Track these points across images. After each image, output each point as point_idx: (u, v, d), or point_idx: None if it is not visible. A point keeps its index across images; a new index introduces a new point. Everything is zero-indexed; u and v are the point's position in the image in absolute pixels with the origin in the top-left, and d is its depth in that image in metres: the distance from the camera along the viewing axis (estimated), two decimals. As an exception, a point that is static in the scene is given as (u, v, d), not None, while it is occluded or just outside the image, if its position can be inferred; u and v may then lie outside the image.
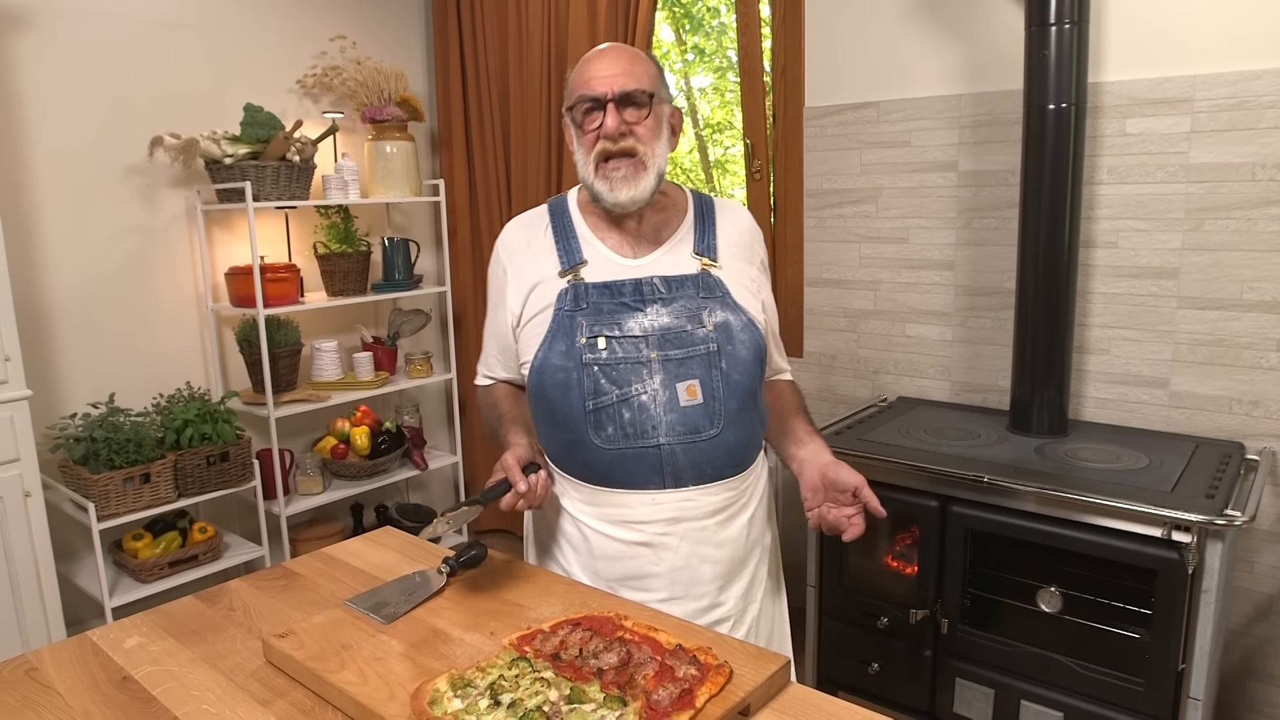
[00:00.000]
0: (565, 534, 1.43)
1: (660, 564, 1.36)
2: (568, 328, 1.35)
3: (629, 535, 1.36)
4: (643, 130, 1.34)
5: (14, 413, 2.22)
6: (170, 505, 2.59)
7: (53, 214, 2.60)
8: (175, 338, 2.91)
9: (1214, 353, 2.12)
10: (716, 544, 1.38)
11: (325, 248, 3.07)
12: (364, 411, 3.19)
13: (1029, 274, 2.14)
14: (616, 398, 1.32)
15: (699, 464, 1.34)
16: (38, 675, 1.13)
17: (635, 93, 1.33)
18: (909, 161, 2.54)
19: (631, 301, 1.36)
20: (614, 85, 1.32)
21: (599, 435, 1.33)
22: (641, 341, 1.34)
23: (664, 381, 1.33)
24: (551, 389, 1.35)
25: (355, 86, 3.15)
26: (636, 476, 1.33)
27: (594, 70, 1.34)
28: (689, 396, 1.33)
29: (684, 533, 1.35)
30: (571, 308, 1.36)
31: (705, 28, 5.69)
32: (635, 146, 1.33)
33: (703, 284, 1.39)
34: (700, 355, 1.34)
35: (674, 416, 1.32)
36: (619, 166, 1.34)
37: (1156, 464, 1.96)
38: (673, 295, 1.37)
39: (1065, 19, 2.00)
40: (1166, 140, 2.12)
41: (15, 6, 2.49)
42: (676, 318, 1.36)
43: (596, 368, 1.33)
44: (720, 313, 1.38)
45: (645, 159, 1.34)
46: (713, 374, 1.34)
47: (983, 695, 1.99)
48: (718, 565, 1.39)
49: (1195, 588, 1.72)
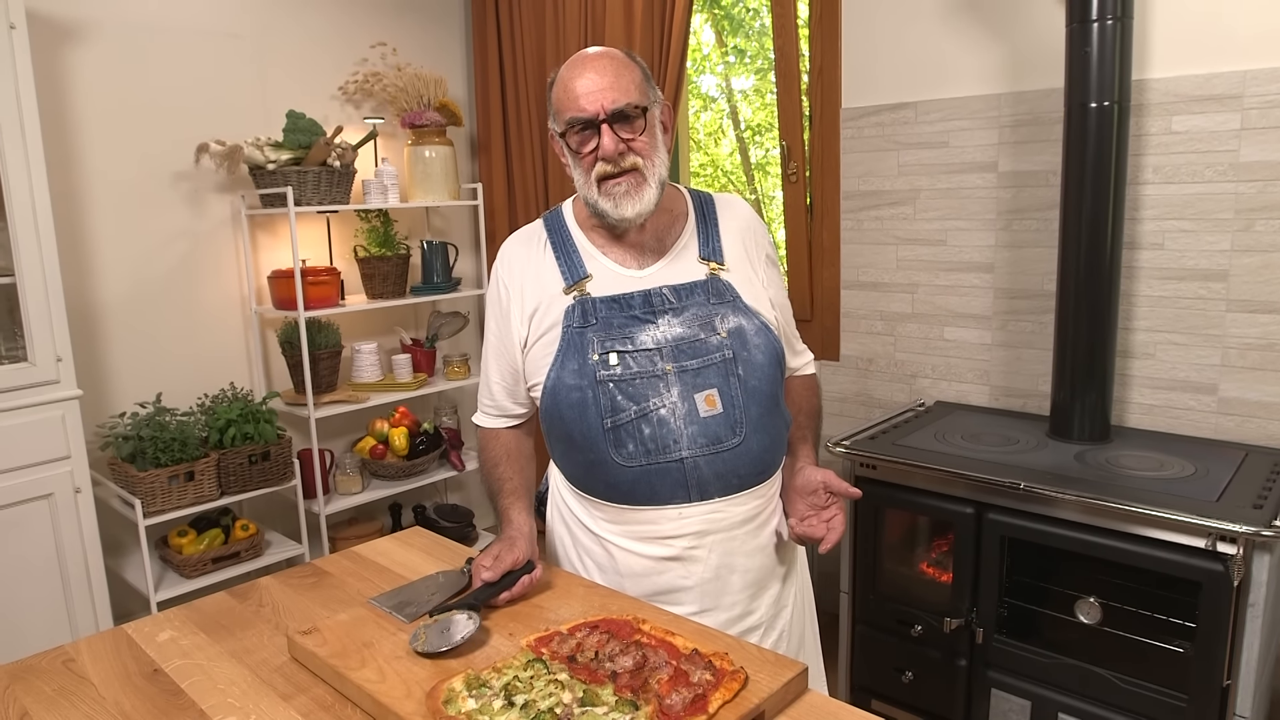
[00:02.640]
0: (590, 552, 1.40)
1: (690, 577, 1.33)
2: (578, 345, 1.32)
3: (657, 550, 1.33)
4: (641, 144, 1.30)
5: (65, 411, 2.29)
6: (213, 503, 2.66)
7: (103, 219, 2.69)
8: (220, 340, 2.98)
9: (1265, 358, 2.05)
10: (746, 554, 1.36)
11: (365, 251, 3.12)
12: (402, 413, 3.23)
13: (1070, 276, 2.09)
14: (635, 413, 1.29)
15: (724, 475, 1.31)
16: (74, 666, 1.17)
17: (627, 108, 1.27)
18: (947, 162, 2.50)
19: (641, 314, 1.33)
20: (604, 103, 1.26)
21: (619, 453, 1.30)
22: (655, 354, 1.31)
23: (682, 393, 1.30)
24: (567, 410, 1.31)
25: (395, 92, 3.20)
26: (661, 492, 1.30)
27: (580, 86, 1.28)
28: (708, 407, 1.30)
29: (713, 544, 1.33)
30: (580, 324, 1.32)
31: (746, 29, 5.67)
32: (636, 162, 1.30)
33: (712, 289, 1.36)
34: (716, 364, 1.31)
35: (695, 428, 1.29)
36: (620, 182, 1.30)
37: (1203, 472, 1.89)
38: (683, 304, 1.34)
39: (1108, 15, 1.95)
40: (1215, 138, 2.06)
41: (69, 20, 2.57)
42: (689, 327, 1.32)
43: (612, 384, 1.29)
44: (733, 318, 1.35)
45: (646, 172, 1.31)
46: (730, 382, 1.31)
47: (1019, 707, 1.95)
48: (748, 574, 1.36)
49: (1241, 601, 1.66)
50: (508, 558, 1.26)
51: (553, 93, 1.33)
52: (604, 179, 1.30)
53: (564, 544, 1.45)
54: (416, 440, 3.19)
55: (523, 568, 1.27)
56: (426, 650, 1.08)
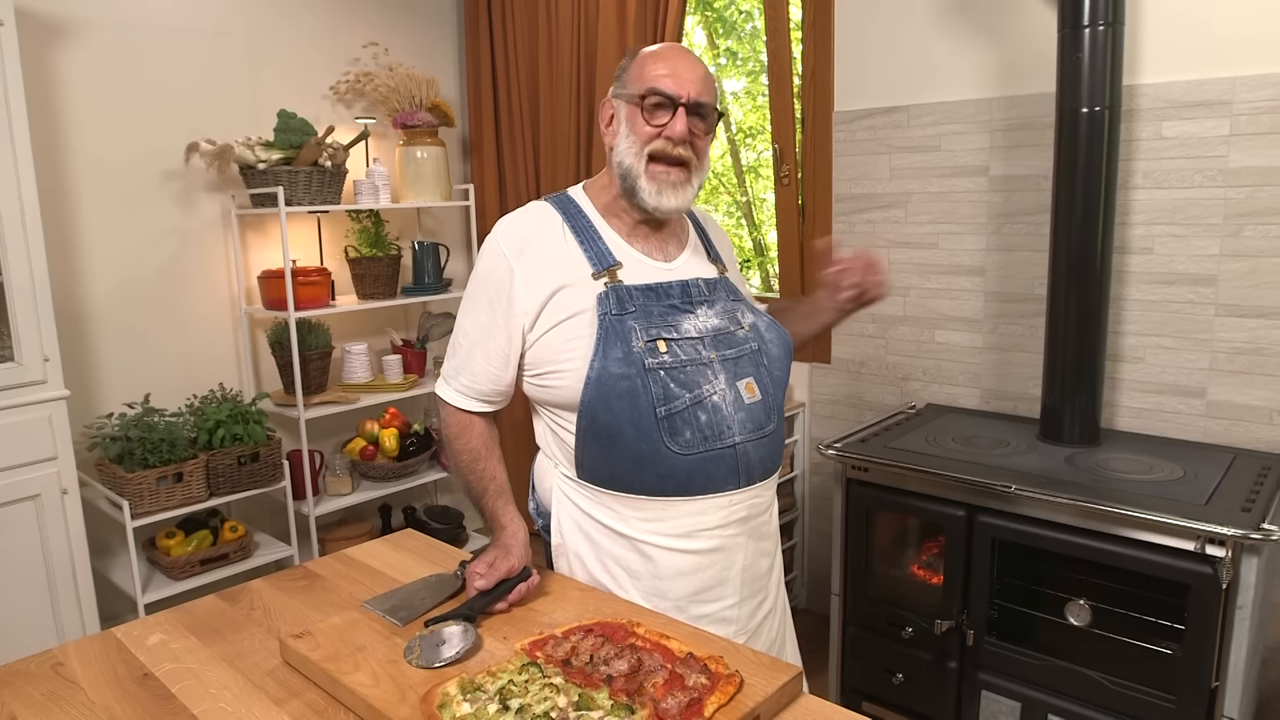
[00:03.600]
0: (621, 560, 1.33)
1: (732, 567, 1.35)
2: (619, 332, 1.27)
3: (701, 545, 1.31)
4: (701, 145, 1.34)
5: (52, 412, 2.27)
6: (202, 504, 2.64)
7: (92, 218, 2.67)
8: (209, 340, 2.96)
9: (1253, 361, 2.07)
10: (770, 536, 1.43)
11: (356, 252, 3.10)
12: (393, 414, 3.22)
13: (1061, 280, 2.10)
14: (690, 400, 1.28)
15: (765, 459, 1.36)
16: (63, 670, 1.15)
17: (707, 106, 1.32)
18: (939, 166, 2.51)
19: (680, 303, 1.35)
20: (692, 90, 1.30)
21: (675, 441, 1.27)
22: (699, 343, 1.33)
23: (728, 380, 1.33)
24: (616, 400, 1.26)
25: (387, 92, 3.19)
26: (715, 478, 1.30)
27: (672, 67, 1.30)
28: (749, 394, 1.34)
29: (750, 530, 1.37)
30: (618, 311, 1.29)
31: (738, 31, 5.68)
32: (691, 159, 1.32)
33: (726, 286, 1.43)
34: (749, 354, 1.37)
35: (743, 415, 1.33)
36: (672, 172, 1.32)
37: (1191, 475, 1.91)
38: (713, 297, 1.39)
39: (1099, 20, 1.96)
40: (1205, 144, 2.07)
41: (58, 18, 2.55)
42: (721, 318, 1.37)
43: (663, 372, 1.27)
44: (748, 314, 1.41)
45: (694, 171, 1.34)
46: (761, 371, 1.37)
47: (1009, 709, 1.95)
48: (769, 557, 1.43)
49: (1230, 603, 1.67)
50: (503, 565, 1.25)
51: (633, 62, 1.34)
52: (656, 159, 1.31)
53: (584, 558, 1.37)
54: (407, 441, 3.18)
55: (519, 575, 1.26)
56: (422, 665, 1.07)
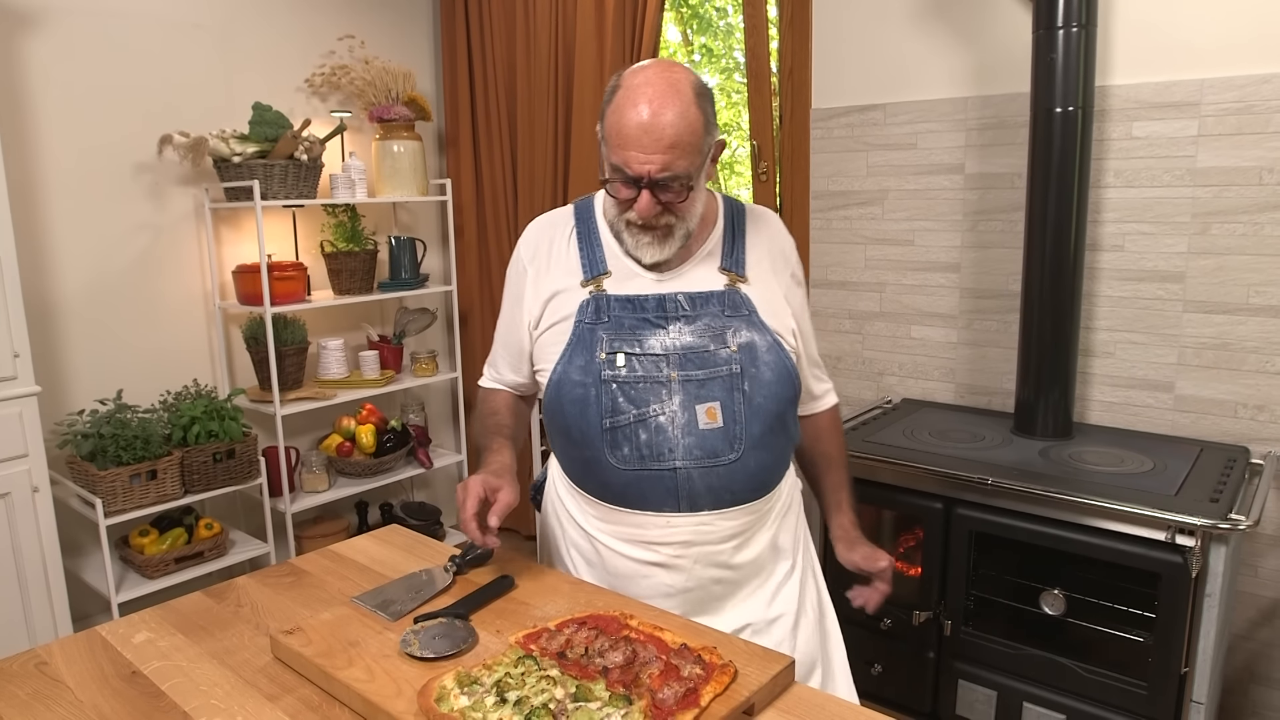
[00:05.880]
0: (579, 548, 1.40)
1: (673, 586, 1.32)
2: (588, 341, 1.31)
3: (643, 555, 1.32)
4: (680, 207, 1.26)
5: (23, 409, 2.23)
6: (177, 502, 2.60)
7: (62, 212, 2.62)
8: (183, 335, 2.92)
9: (1219, 356, 2.12)
10: (731, 567, 1.34)
11: (332, 246, 3.08)
12: (369, 410, 3.20)
13: (1034, 277, 2.14)
14: (634, 417, 1.28)
15: (716, 489, 1.29)
16: (47, 669, 1.14)
17: (676, 178, 1.22)
18: (915, 164, 2.54)
19: (654, 317, 1.31)
20: (654, 166, 1.20)
21: (614, 455, 1.29)
22: (662, 360, 1.29)
23: (683, 403, 1.28)
24: (569, 405, 1.31)
25: (363, 86, 3.17)
26: (651, 498, 1.29)
27: (633, 137, 1.19)
28: (709, 419, 1.27)
29: (698, 556, 1.31)
30: (592, 320, 1.32)
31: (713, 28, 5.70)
32: (669, 223, 1.27)
33: (728, 301, 1.33)
34: (723, 376, 1.29)
35: (691, 440, 1.27)
36: (645, 234, 1.29)
37: (1161, 468, 1.96)
38: (696, 313, 1.32)
39: (1073, 22, 2.00)
40: (1173, 144, 2.12)
41: (25, 5, 2.50)
42: (699, 336, 1.30)
43: (615, 385, 1.28)
44: (745, 332, 1.32)
45: (676, 228, 1.29)
46: (735, 396, 1.29)
47: (985, 697, 1.99)
48: (731, 585, 1.35)
49: (1198, 591, 1.72)
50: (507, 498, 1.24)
51: (607, 111, 1.24)
52: (632, 224, 1.29)
53: (555, 537, 1.46)
54: (384, 437, 3.16)
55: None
56: (423, 655, 1.07)
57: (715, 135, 1.27)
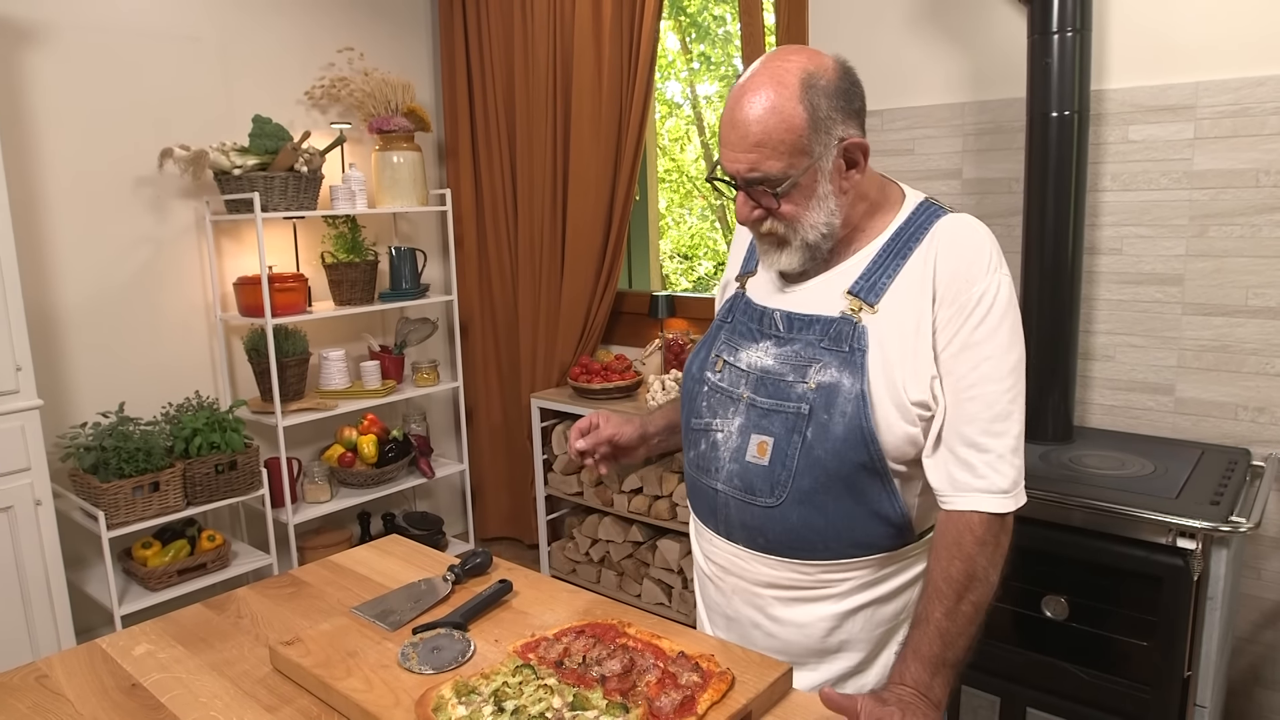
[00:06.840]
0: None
1: (719, 605, 1.29)
2: (712, 337, 1.30)
3: (702, 561, 1.33)
4: (785, 210, 1.11)
5: (25, 422, 2.24)
6: (179, 513, 2.61)
7: (64, 225, 2.63)
8: (184, 347, 2.93)
9: (1219, 359, 2.12)
10: (772, 619, 1.21)
11: (333, 257, 3.09)
12: (371, 420, 3.21)
13: (1033, 281, 2.14)
14: (704, 425, 1.24)
15: (750, 528, 1.18)
16: (48, 682, 1.14)
17: (765, 178, 1.09)
18: (913, 170, 2.55)
19: (756, 331, 1.23)
20: (739, 167, 1.10)
21: (688, 453, 1.29)
22: (742, 377, 1.20)
23: (742, 427, 1.19)
24: (684, 394, 1.32)
25: (363, 97, 3.18)
26: (700, 509, 1.28)
27: (723, 134, 1.12)
28: (758, 454, 1.16)
29: (735, 586, 1.24)
30: (722, 318, 1.30)
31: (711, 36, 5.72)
32: (774, 229, 1.14)
33: (833, 331, 1.14)
34: (788, 413, 1.14)
35: (735, 467, 1.18)
36: (763, 241, 1.18)
37: (1162, 471, 1.95)
38: (791, 335, 1.18)
39: (1068, 27, 2.01)
40: (1170, 147, 2.13)
41: (27, 21, 2.52)
42: (781, 363, 1.16)
43: (707, 388, 1.26)
44: (834, 371, 1.12)
45: (790, 236, 1.13)
46: (793, 439, 1.13)
47: (988, 703, 1.99)
48: (773, 641, 1.21)
49: (1201, 594, 1.71)
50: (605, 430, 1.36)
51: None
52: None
53: None
54: (385, 448, 3.16)
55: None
56: (421, 671, 1.08)
57: (836, 134, 1.09)
